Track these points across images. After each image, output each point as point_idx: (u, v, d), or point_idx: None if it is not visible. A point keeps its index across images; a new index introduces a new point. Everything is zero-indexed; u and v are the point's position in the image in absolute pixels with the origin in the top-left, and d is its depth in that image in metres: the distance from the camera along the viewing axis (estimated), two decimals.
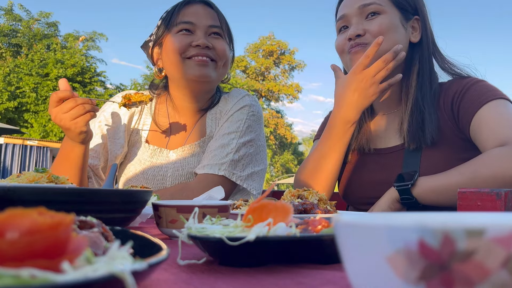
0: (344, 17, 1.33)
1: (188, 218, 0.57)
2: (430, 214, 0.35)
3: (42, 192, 0.69)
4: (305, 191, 0.97)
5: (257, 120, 1.58)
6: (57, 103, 1.28)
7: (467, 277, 0.25)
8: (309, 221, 0.55)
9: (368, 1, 1.29)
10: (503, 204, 0.89)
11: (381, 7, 1.28)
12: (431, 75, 1.32)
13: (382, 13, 1.28)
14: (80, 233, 0.40)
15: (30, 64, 17.73)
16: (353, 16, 1.31)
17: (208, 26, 1.49)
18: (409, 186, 1.13)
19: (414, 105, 1.28)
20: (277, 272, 0.49)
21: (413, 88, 1.30)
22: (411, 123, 1.26)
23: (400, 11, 1.31)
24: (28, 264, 0.28)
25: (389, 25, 1.27)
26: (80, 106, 1.27)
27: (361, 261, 0.28)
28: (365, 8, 1.29)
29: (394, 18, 1.29)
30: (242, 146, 1.49)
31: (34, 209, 0.31)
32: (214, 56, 1.48)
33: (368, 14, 1.29)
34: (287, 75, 28.34)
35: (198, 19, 1.49)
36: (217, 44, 1.49)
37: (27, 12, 19.23)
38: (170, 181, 1.50)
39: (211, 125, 1.58)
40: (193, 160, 1.52)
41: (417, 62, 1.33)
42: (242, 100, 1.58)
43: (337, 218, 0.31)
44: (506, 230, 0.24)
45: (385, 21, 1.27)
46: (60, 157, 1.40)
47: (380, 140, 1.38)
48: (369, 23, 1.29)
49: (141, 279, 0.34)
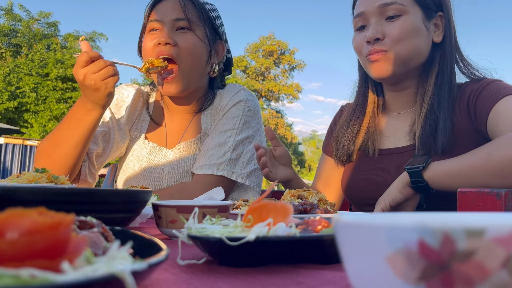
0: (362, 15, 1.24)
1: (188, 218, 0.57)
2: (430, 214, 0.35)
3: (42, 192, 0.69)
4: (305, 191, 0.97)
5: (254, 115, 1.53)
6: (86, 63, 1.26)
7: (467, 277, 0.25)
8: (309, 221, 0.55)
9: (389, 0, 1.20)
10: (503, 204, 0.89)
11: (403, 7, 1.20)
12: (451, 79, 1.24)
13: (403, 14, 1.20)
14: (80, 233, 0.39)
15: (30, 64, 17.73)
16: (372, 15, 1.22)
17: (173, 21, 1.42)
18: (420, 169, 1.08)
19: (429, 110, 1.21)
20: (277, 272, 0.49)
21: (430, 91, 1.23)
22: (424, 129, 1.19)
23: (423, 10, 1.22)
24: (28, 264, 0.28)
25: (410, 28, 1.20)
26: (110, 67, 1.27)
27: (361, 261, 0.28)
28: (385, 7, 1.20)
29: (416, 19, 1.21)
30: (240, 143, 1.46)
31: (34, 209, 0.31)
32: (176, 55, 1.40)
33: (388, 14, 1.20)
34: (287, 75, 28.35)
35: (164, 14, 1.43)
36: (181, 40, 1.42)
37: (27, 12, 19.23)
38: (167, 179, 1.48)
39: (207, 121, 1.54)
40: (189, 158, 1.49)
41: (437, 64, 1.25)
42: (237, 95, 1.53)
43: (337, 218, 0.30)
44: (506, 230, 0.24)
45: (406, 23, 1.19)
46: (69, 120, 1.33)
47: (389, 140, 1.32)
48: (389, 25, 1.20)
49: (141, 279, 0.34)
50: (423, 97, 1.24)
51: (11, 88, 16.89)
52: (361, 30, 1.27)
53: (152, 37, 1.43)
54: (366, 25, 1.25)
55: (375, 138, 1.32)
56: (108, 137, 1.53)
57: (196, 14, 1.45)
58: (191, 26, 1.43)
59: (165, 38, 1.39)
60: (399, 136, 1.31)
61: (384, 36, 1.20)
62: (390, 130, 1.33)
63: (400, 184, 1.10)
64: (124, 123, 1.56)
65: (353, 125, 1.35)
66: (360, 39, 1.25)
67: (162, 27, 1.43)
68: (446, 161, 1.08)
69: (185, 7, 1.43)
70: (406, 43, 1.19)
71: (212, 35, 1.50)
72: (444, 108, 1.19)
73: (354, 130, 1.35)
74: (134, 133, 1.58)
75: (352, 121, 1.36)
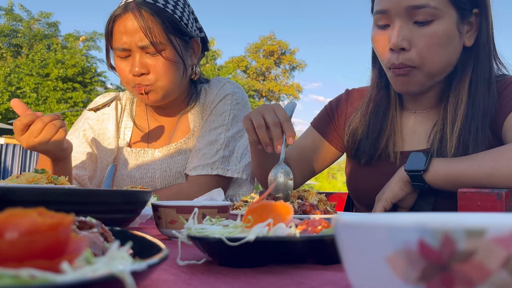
0: (385, 13, 1.05)
1: (187, 219, 0.57)
2: (430, 214, 0.35)
3: (41, 192, 0.69)
4: (305, 192, 0.97)
5: (243, 108, 1.47)
6: (23, 131, 1.17)
7: (467, 278, 0.25)
8: (309, 222, 0.55)
9: (421, 2, 1.01)
10: (503, 205, 0.89)
11: (435, 10, 1.01)
12: (490, 86, 1.08)
13: (436, 18, 1.02)
14: (80, 233, 0.39)
15: (30, 64, 17.74)
16: (397, 16, 1.03)
17: (139, 48, 1.32)
18: (421, 173, 0.99)
19: (462, 127, 1.05)
20: (277, 272, 0.49)
21: (463, 103, 1.07)
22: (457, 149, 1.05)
23: (458, 11, 1.04)
24: (27, 264, 0.28)
25: (443, 37, 1.03)
26: (50, 125, 1.16)
27: (361, 261, 0.28)
28: (415, 11, 1.01)
29: (449, 25, 1.03)
30: (231, 139, 1.42)
31: (34, 210, 0.31)
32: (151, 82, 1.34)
33: (418, 19, 1.02)
34: (287, 75, 28.35)
35: (129, 39, 1.32)
36: (152, 66, 1.34)
37: (27, 12, 19.24)
38: (160, 182, 1.44)
39: (194, 119, 1.49)
40: (181, 159, 1.45)
41: (469, 70, 1.08)
42: (223, 89, 1.47)
43: (337, 218, 0.30)
44: (506, 230, 0.24)
45: (438, 32, 1.02)
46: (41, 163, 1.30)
47: (406, 143, 1.20)
48: (417, 31, 1.03)
49: (141, 280, 0.34)
50: (455, 110, 1.08)
51: (12, 89, 16.91)
52: (384, 28, 1.08)
53: (126, 63, 1.36)
54: (390, 25, 1.07)
55: (396, 141, 1.19)
56: (94, 157, 1.50)
57: (161, 31, 1.32)
58: (158, 48, 1.33)
59: (139, 68, 1.33)
60: (417, 138, 1.19)
61: (411, 46, 1.03)
62: (408, 131, 1.21)
63: (401, 181, 1.05)
64: (112, 136, 1.51)
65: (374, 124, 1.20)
66: (382, 40, 1.09)
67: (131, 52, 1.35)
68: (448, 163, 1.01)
69: (147, 31, 1.31)
70: (436, 56, 1.04)
71: (183, 42, 1.39)
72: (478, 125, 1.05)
73: (376, 131, 1.19)
74: (120, 142, 1.53)
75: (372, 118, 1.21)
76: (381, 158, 1.19)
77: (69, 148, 1.28)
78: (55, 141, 1.18)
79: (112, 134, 1.52)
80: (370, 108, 1.22)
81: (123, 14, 1.33)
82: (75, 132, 1.52)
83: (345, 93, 1.39)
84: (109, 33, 1.37)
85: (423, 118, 1.19)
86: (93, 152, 1.50)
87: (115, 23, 1.34)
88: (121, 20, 1.33)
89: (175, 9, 1.36)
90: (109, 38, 1.38)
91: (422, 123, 1.19)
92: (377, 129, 1.19)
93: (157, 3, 1.34)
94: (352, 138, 1.25)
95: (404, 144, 1.20)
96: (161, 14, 1.33)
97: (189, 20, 1.42)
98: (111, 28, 1.36)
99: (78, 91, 17.53)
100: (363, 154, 1.21)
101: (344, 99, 1.36)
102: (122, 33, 1.33)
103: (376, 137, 1.19)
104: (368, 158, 1.20)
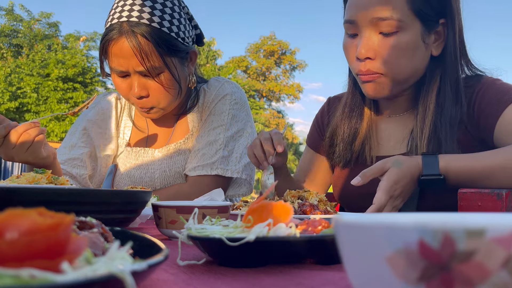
0: (353, 23, 1.09)
1: (187, 219, 0.57)
2: (430, 214, 0.35)
3: (41, 192, 0.69)
4: (305, 192, 0.97)
5: (241, 108, 1.46)
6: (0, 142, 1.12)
7: (467, 278, 0.25)
8: (309, 222, 0.55)
9: (385, 15, 1.04)
10: (504, 205, 0.89)
11: (399, 23, 1.04)
12: (457, 94, 1.10)
13: (400, 30, 1.05)
14: (80, 233, 0.40)
15: (31, 65, 17.76)
16: (363, 27, 1.07)
17: (136, 72, 1.29)
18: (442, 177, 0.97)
19: (430, 135, 1.08)
20: (277, 272, 0.49)
21: (431, 111, 1.09)
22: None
23: (423, 23, 1.06)
24: (27, 264, 0.28)
25: (406, 48, 1.06)
26: (25, 134, 1.12)
27: (361, 261, 0.28)
28: (379, 22, 1.05)
29: (413, 36, 1.06)
30: (230, 139, 1.42)
31: (34, 210, 0.31)
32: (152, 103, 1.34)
33: (382, 30, 1.06)
34: (288, 75, 28.35)
35: (126, 63, 1.28)
36: (152, 89, 1.32)
37: (28, 13, 19.26)
38: (159, 182, 1.44)
39: (193, 119, 1.49)
40: (180, 159, 1.45)
41: (437, 79, 1.11)
42: (221, 89, 1.47)
43: (337, 218, 0.30)
44: (507, 231, 0.24)
45: (401, 43, 1.05)
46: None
47: (383, 147, 1.22)
48: (382, 41, 1.06)
49: (141, 280, 0.34)
50: (423, 117, 1.10)
51: (12, 89, 16.92)
52: (353, 37, 1.12)
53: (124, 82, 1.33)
54: (358, 34, 1.10)
55: (372, 144, 1.22)
56: (94, 156, 1.49)
57: (157, 56, 1.27)
58: (155, 73, 1.30)
59: (138, 90, 1.31)
60: (392, 142, 1.21)
61: (376, 55, 1.07)
62: (383, 135, 1.23)
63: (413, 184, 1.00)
64: (112, 135, 1.52)
65: (349, 129, 1.24)
66: (351, 49, 1.12)
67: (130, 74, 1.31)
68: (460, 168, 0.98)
69: (143, 57, 1.26)
70: (400, 65, 1.07)
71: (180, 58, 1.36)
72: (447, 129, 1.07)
73: (351, 135, 1.23)
74: (120, 142, 1.53)
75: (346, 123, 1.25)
76: (357, 162, 1.22)
77: (51, 156, 1.22)
78: (33, 150, 1.14)
79: (112, 133, 1.52)
80: (346, 113, 1.26)
81: (118, 38, 1.26)
82: (75, 131, 1.52)
83: (326, 102, 1.44)
84: (104, 51, 1.31)
85: (398, 122, 1.22)
86: (93, 151, 1.50)
87: (109, 44, 1.28)
88: (116, 44, 1.27)
89: (171, 25, 1.30)
90: (103, 53, 1.32)
91: (397, 127, 1.21)
92: (352, 133, 1.23)
93: (153, 23, 1.27)
94: (330, 142, 1.29)
95: (379, 148, 1.22)
96: (156, 37, 1.26)
97: (186, 28, 1.36)
98: (106, 48, 1.30)
99: (78, 91, 17.54)
100: (339, 158, 1.25)
101: (326, 108, 1.41)
102: (119, 57, 1.28)
103: (350, 141, 1.23)
104: (344, 162, 1.23)
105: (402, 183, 0.97)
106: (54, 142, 12.56)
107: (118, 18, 1.28)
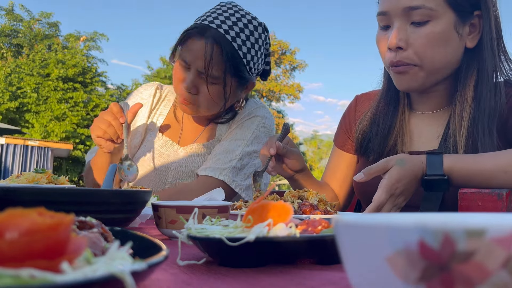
0: (385, 14, 1.09)
1: (187, 219, 0.57)
2: (430, 214, 0.35)
3: (41, 192, 0.69)
4: (305, 192, 0.97)
5: (267, 133, 1.55)
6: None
7: (467, 278, 0.25)
8: (309, 222, 0.55)
9: (417, 4, 1.03)
10: (504, 205, 0.89)
11: (432, 11, 1.03)
12: (496, 88, 1.09)
13: (432, 19, 1.04)
14: (80, 233, 0.39)
15: (31, 65, 17.75)
16: (396, 17, 1.07)
17: (197, 70, 1.37)
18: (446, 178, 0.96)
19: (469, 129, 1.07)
20: (277, 272, 0.49)
21: (468, 105, 1.08)
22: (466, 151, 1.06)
23: (457, 13, 1.06)
24: (27, 264, 0.28)
25: (438, 37, 1.05)
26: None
27: (361, 261, 0.28)
28: (411, 12, 1.04)
29: (446, 25, 1.05)
30: (247, 155, 1.49)
31: (34, 210, 0.31)
32: (195, 102, 1.42)
33: (414, 19, 1.05)
34: (288, 75, 28.36)
35: (193, 58, 1.37)
36: (201, 91, 1.40)
37: (28, 13, 19.24)
38: (172, 175, 1.52)
39: (222, 128, 1.58)
40: (198, 159, 1.53)
41: (474, 73, 1.09)
42: (255, 110, 1.57)
43: (337, 218, 0.30)
44: (507, 231, 0.24)
45: (434, 32, 1.04)
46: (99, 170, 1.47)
47: (414, 142, 1.21)
48: (414, 31, 1.06)
49: (141, 280, 0.34)
50: (461, 112, 1.09)
51: (12, 89, 16.91)
52: (385, 29, 1.12)
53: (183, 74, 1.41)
54: (390, 26, 1.11)
55: (404, 139, 1.21)
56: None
57: (220, 69, 1.36)
58: (211, 81, 1.38)
59: (189, 86, 1.39)
60: (423, 139, 1.20)
61: (408, 46, 1.07)
62: (414, 131, 1.23)
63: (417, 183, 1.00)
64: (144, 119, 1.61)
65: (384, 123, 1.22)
66: (383, 41, 1.13)
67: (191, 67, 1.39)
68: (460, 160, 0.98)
69: (209, 64, 1.34)
70: (433, 55, 1.06)
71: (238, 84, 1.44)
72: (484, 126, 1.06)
73: (386, 129, 1.22)
74: (150, 126, 1.62)
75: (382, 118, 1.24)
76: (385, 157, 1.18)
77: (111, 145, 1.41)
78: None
79: (144, 117, 1.61)
80: (380, 107, 1.25)
81: (200, 37, 1.35)
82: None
83: (353, 100, 1.43)
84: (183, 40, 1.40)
85: (431, 119, 1.21)
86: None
87: (190, 37, 1.38)
88: (195, 41, 1.36)
89: (247, 53, 1.39)
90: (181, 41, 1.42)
91: (429, 124, 1.20)
92: (387, 127, 1.22)
93: (234, 42, 1.36)
94: (362, 136, 1.28)
95: (412, 144, 1.21)
96: (230, 54, 1.35)
97: (257, 61, 1.45)
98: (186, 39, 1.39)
99: (78, 91, 17.52)
100: (372, 151, 1.23)
101: (353, 106, 1.41)
102: (191, 51, 1.37)
103: (385, 135, 1.21)
104: (377, 156, 1.21)
105: (404, 182, 0.97)
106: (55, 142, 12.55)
107: (210, 22, 1.38)
